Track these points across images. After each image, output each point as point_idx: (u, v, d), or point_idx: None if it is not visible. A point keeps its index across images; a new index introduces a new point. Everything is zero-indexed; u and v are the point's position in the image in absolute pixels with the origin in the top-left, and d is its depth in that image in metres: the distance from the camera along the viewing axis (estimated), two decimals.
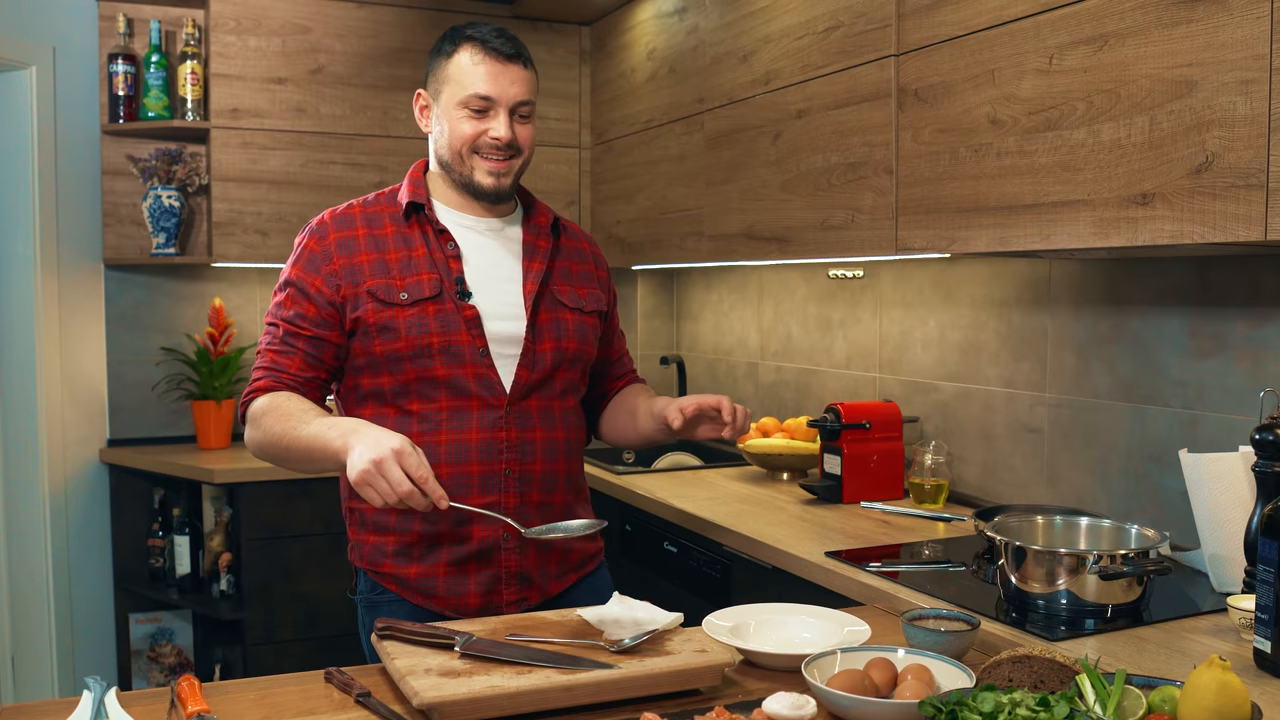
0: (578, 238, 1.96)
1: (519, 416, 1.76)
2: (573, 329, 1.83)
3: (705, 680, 1.37)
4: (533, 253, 1.83)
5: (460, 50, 1.75)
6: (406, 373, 1.71)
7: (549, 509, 1.79)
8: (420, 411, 1.73)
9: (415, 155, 3.55)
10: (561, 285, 1.85)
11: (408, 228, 1.78)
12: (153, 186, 3.42)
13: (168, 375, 3.54)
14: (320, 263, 1.74)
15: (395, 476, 1.46)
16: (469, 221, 1.81)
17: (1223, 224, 1.55)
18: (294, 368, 1.72)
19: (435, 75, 1.78)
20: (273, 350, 1.73)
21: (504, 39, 1.76)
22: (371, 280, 1.72)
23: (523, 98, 1.76)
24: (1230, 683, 1.13)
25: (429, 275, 1.73)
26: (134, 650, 3.54)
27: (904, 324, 2.83)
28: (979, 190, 1.99)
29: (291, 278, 1.76)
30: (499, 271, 1.80)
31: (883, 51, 2.24)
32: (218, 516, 3.44)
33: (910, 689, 1.28)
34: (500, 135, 1.74)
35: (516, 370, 1.75)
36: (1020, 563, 1.71)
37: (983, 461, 2.59)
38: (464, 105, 1.74)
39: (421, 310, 1.71)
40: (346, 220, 1.78)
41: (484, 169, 1.76)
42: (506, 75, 1.74)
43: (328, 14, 3.44)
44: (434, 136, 1.81)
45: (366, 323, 1.70)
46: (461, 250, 1.78)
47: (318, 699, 1.36)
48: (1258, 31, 1.49)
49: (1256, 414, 1.83)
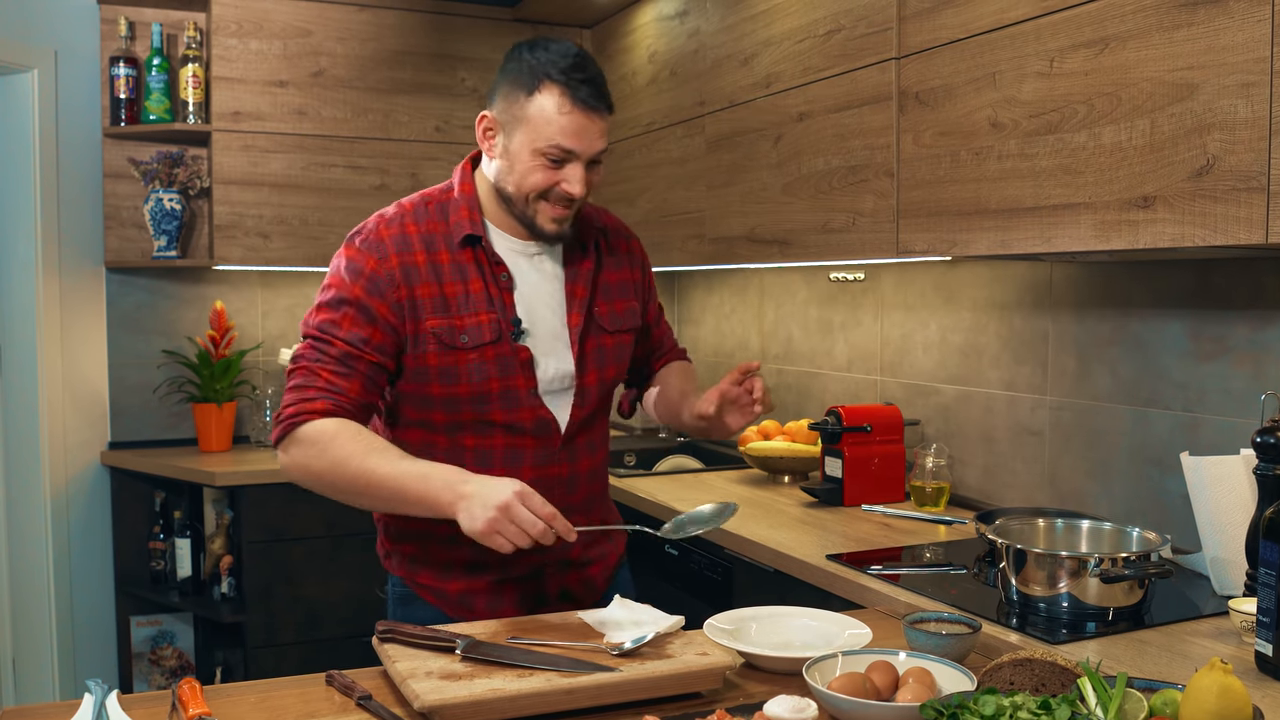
0: (615, 238, 1.86)
1: (570, 452, 1.74)
2: (613, 354, 1.78)
3: (706, 683, 1.37)
4: (576, 276, 1.75)
5: (544, 92, 1.60)
6: (463, 414, 1.67)
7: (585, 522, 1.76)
8: (475, 446, 1.69)
9: (416, 158, 3.56)
10: (602, 305, 1.78)
11: (462, 255, 1.67)
12: (154, 189, 3.43)
13: (169, 378, 3.55)
14: (385, 287, 1.63)
15: (526, 519, 1.43)
16: (518, 247, 1.72)
17: (1224, 227, 1.55)
18: (354, 391, 1.61)
19: (509, 108, 1.63)
20: (328, 370, 1.60)
21: (591, 84, 1.61)
22: (434, 319, 1.63)
23: (603, 148, 1.65)
24: (1232, 685, 1.13)
25: (487, 316, 1.65)
26: (135, 653, 3.54)
27: (905, 327, 2.83)
28: (980, 193, 1.99)
29: (352, 298, 1.62)
30: (545, 299, 1.72)
31: (884, 55, 2.24)
32: (219, 519, 3.44)
33: (911, 692, 1.27)
34: (574, 191, 1.63)
35: (571, 409, 1.72)
36: (1021, 566, 1.71)
37: (984, 464, 2.58)
38: (541, 154, 1.61)
39: (481, 355, 1.64)
40: (404, 242, 1.66)
41: (549, 215, 1.66)
42: (593, 128, 1.62)
43: (329, 17, 3.44)
44: (496, 165, 1.68)
45: (427, 364, 1.64)
46: (513, 279, 1.70)
47: (319, 702, 1.36)
48: (1259, 35, 1.49)
49: (1258, 417, 1.83)
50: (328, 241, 3.47)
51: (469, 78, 3.64)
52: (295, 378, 1.63)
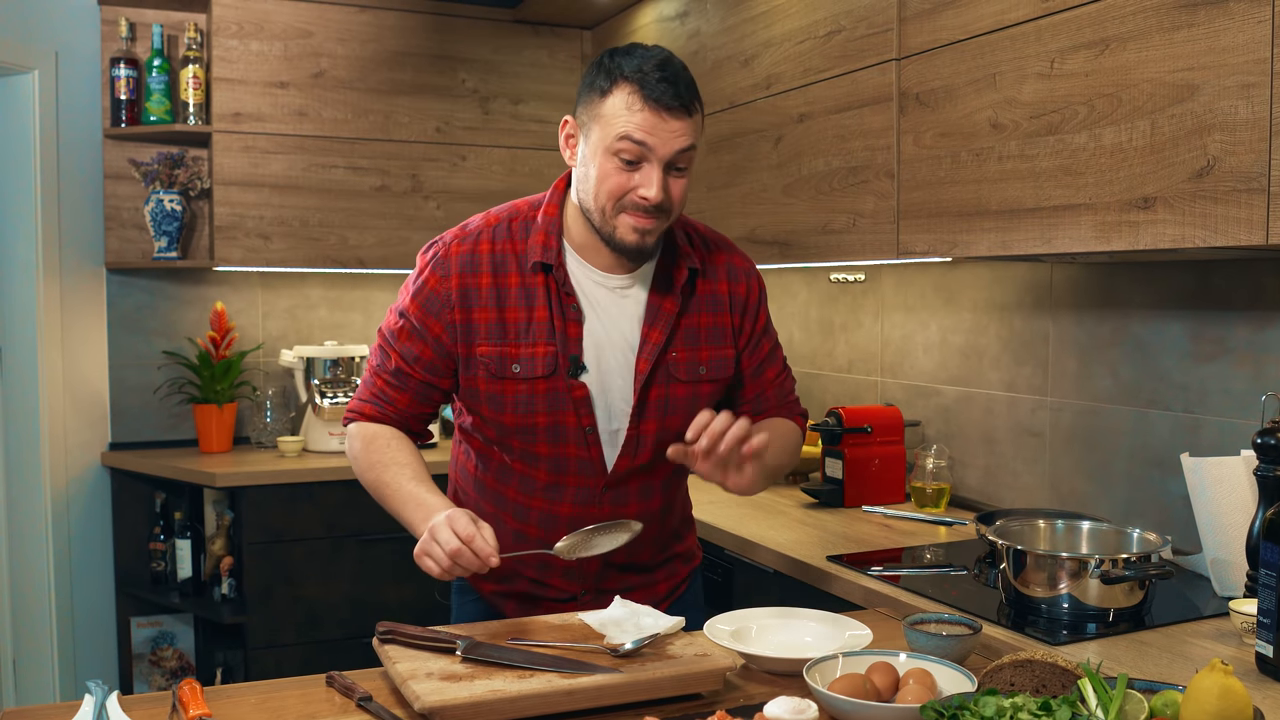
0: (717, 278, 1.72)
1: (615, 496, 1.69)
2: (682, 404, 1.66)
3: (707, 684, 1.37)
4: (655, 318, 1.64)
5: (617, 89, 1.53)
6: (511, 440, 1.66)
7: (628, 567, 1.74)
8: (521, 472, 1.68)
9: (417, 159, 3.56)
10: (681, 352, 1.67)
11: (533, 279, 1.61)
12: (155, 190, 3.43)
13: (169, 379, 3.55)
14: (441, 309, 1.62)
15: (443, 538, 1.42)
16: (598, 278, 1.64)
17: (1224, 228, 1.55)
18: (403, 403, 1.67)
19: (587, 109, 1.58)
20: (383, 379, 1.67)
21: (670, 83, 1.52)
22: (485, 345, 1.61)
23: (682, 146, 1.54)
24: (1232, 687, 1.13)
25: (545, 349, 1.60)
26: (135, 654, 3.54)
27: (905, 328, 2.83)
28: (980, 194, 2.00)
29: (410, 312, 1.64)
30: (617, 338, 1.64)
31: (884, 56, 2.24)
32: (219, 520, 3.44)
33: (912, 693, 1.27)
34: (650, 196, 1.53)
35: (619, 458, 1.66)
36: (1022, 567, 1.71)
37: (984, 465, 2.58)
38: (613, 153, 1.53)
39: (531, 388, 1.60)
40: (472, 262, 1.62)
41: (629, 225, 1.56)
42: (668, 126, 1.52)
43: (329, 18, 3.44)
44: (577, 174, 1.62)
45: (476, 387, 1.63)
46: (584, 313, 1.63)
47: (319, 703, 1.36)
48: (1259, 36, 1.49)
49: (1258, 418, 1.83)
50: (328, 242, 3.47)
51: (469, 79, 3.64)
52: (365, 373, 1.73)
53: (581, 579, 1.73)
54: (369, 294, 3.85)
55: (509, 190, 3.68)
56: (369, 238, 3.52)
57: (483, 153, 3.67)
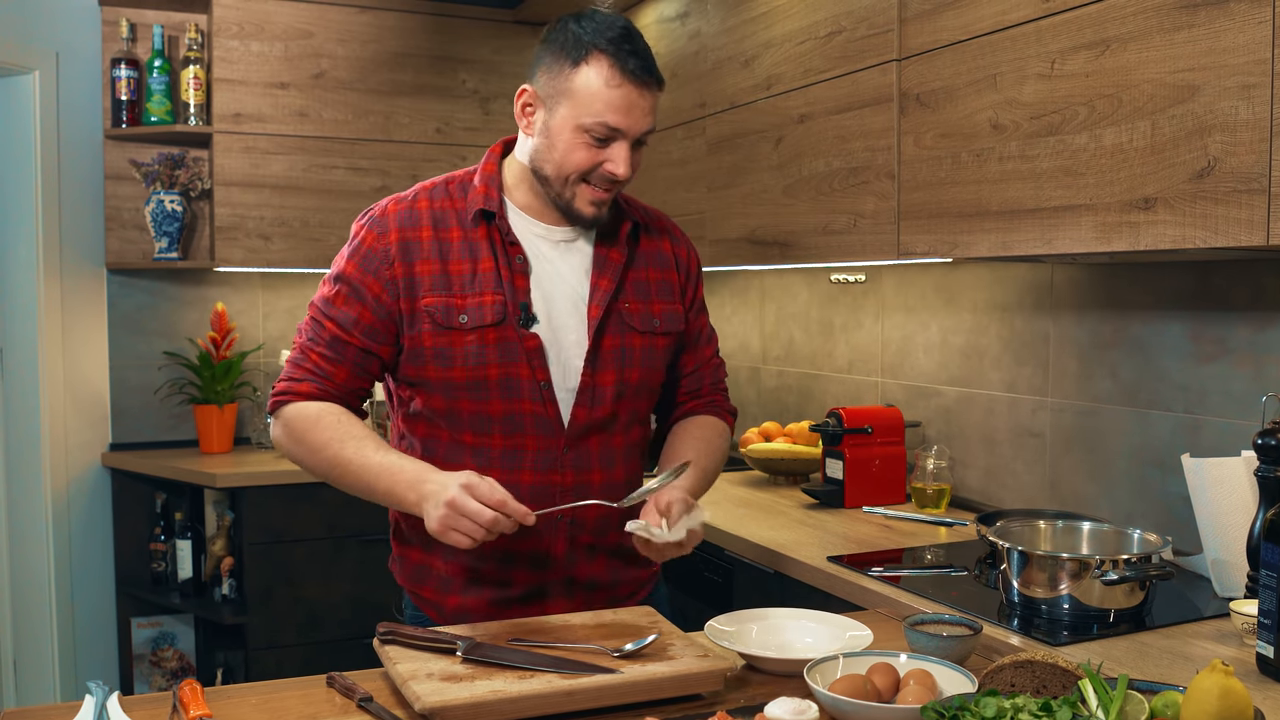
0: (659, 237, 1.74)
1: (577, 458, 1.62)
2: (639, 356, 1.65)
3: (707, 685, 1.37)
4: (603, 266, 1.64)
5: (591, 63, 1.51)
6: (461, 402, 1.58)
7: (596, 549, 1.66)
8: (474, 444, 1.60)
9: (418, 159, 3.57)
10: (633, 303, 1.66)
11: (475, 232, 1.60)
12: (155, 191, 3.43)
13: (170, 379, 3.55)
14: (380, 265, 1.58)
15: (473, 509, 1.38)
16: (541, 230, 1.64)
17: (1225, 228, 1.55)
18: (340, 377, 1.59)
19: (552, 80, 1.55)
20: (317, 352, 1.59)
21: (640, 57, 1.53)
22: (430, 297, 1.56)
23: (650, 126, 1.57)
24: (1233, 688, 1.13)
25: (493, 297, 1.57)
26: (136, 654, 3.54)
27: (906, 328, 2.83)
28: (981, 195, 1.99)
29: (346, 273, 1.59)
30: (566, 289, 1.62)
31: (884, 56, 2.24)
32: (219, 521, 3.44)
33: (912, 694, 1.27)
34: (619, 172, 1.55)
35: (574, 408, 1.60)
36: (1023, 567, 1.71)
37: (985, 466, 2.58)
38: (585, 130, 1.53)
39: (481, 338, 1.56)
40: (411, 217, 1.60)
41: (588, 198, 1.58)
42: (643, 104, 1.54)
43: (330, 19, 3.44)
44: (533, 142, 1.59)
45: (422, 345, 1.57)
46: (530, 264, 1.61)
47: (320, 704, 1.36)
48: (1259, 36, 1.49)
49: (1259, 418, 1.83)
50: (328, 243, 3.47)
51: (469, 79, 3.64)
52: (292, 352, 1.64)
53: (551, 568, 1.64)
54: None
55: None
56: None
57: (483, 153, 3.66)
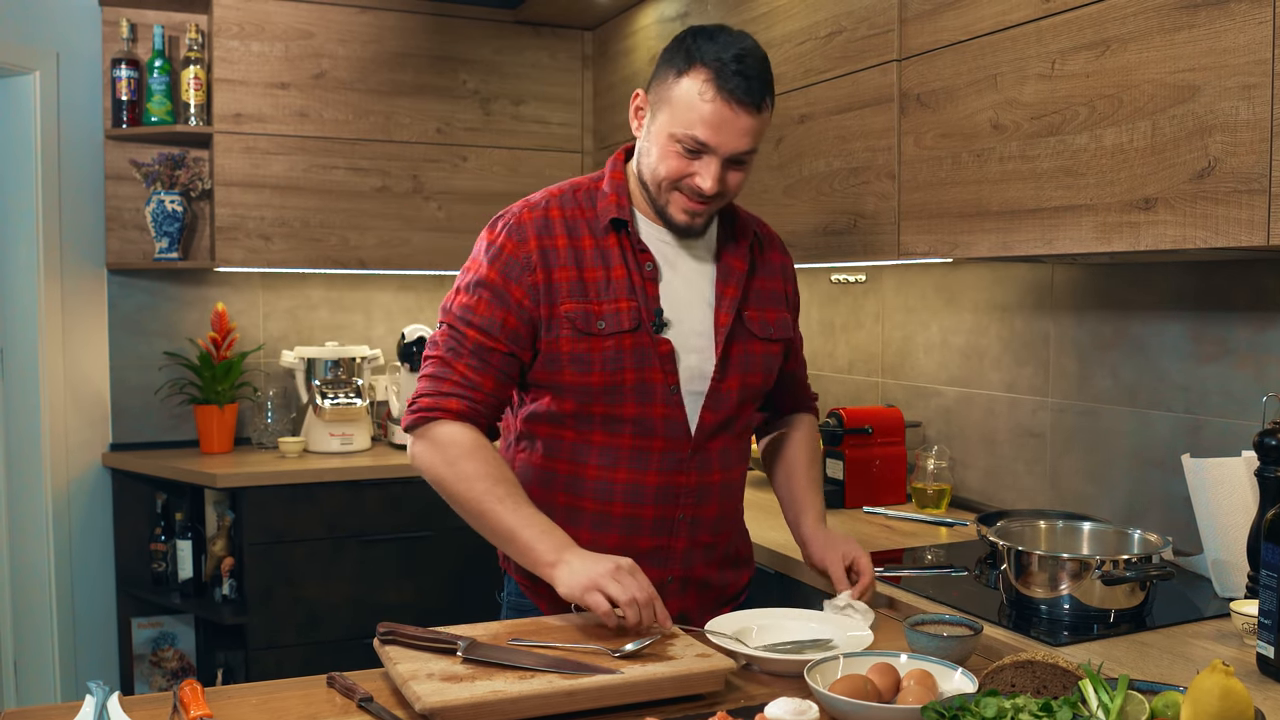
0: (770, 248, 1.79)
1: (701, 460, 1.66)
2: (760, 362, 1.70)
3: (708, 685, 1.37)
4: (728, 276, 1.68)
5: (692, 74, 1.53)
6: (595, 405, 1.60)
7: (714, 549, 1.72)
8: (602, 444, 1.63)
9: (417, 160, 3.56)
10: (753, 311, 1.71)
11: (606, 240, 1.62)
12: (156, 191, 3.43)
13: (170, 380, 3.55)
14: (522, 271, 1.59)
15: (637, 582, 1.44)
16: (666, 236, 1.66)
17: (1225, 229, 1.55)
18: (488, 386, 1.59)
19: (659, 86, 1.59)
20: (463, 362, 1.59)
21: (745, 77, 1.52)
22: (569, 303, 1.58)
23: (746, 148, 1.57)
24: (1233, 688, 1.13)
25: (628, 303, 1.60)
26: (136, 655, 3.54)
27: (906, 328, 2.83)
28: (981, 195, 2.00)
29: (488, 280, 1.60)
30: (693, 295, 1.66)
31: (885, 56, 2.24)
32: (220, 521, 3.44)
33: (913, 694, 1.27)
34: (706, 187, 1.56)
35: (701, 412, 1.64)
36: (1023, 568, 1.71)
37: (985, 466, 2.58)
38: (676, 140, 1.55)
39: (619, 343, 1.58)
40: (546, 226, 1.62)
41: (680, 206, 1.60)
42: (737, 124, 1.54)
43: (330, 19, 3.44)
44: (640, 146, 1.65)
45: (559, 350, 1.59)
46: (660, 270, 1.64)
47: (320, 704, 1.36)
48: (1260, 37, 1.49)
49: (1259, 419, 1.83)
50: (329, 243, 3.47)
51: (470, 80, 3.64)
52: (430, 365, 1.62)
53: (669, 565, 1.68)
54: (370, 295, 3.85)
55: (510, 191, 3.68)
56: (370, 238, 3.52)
57: (484, 153, 3.67)
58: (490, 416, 1.63)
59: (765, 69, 1.57)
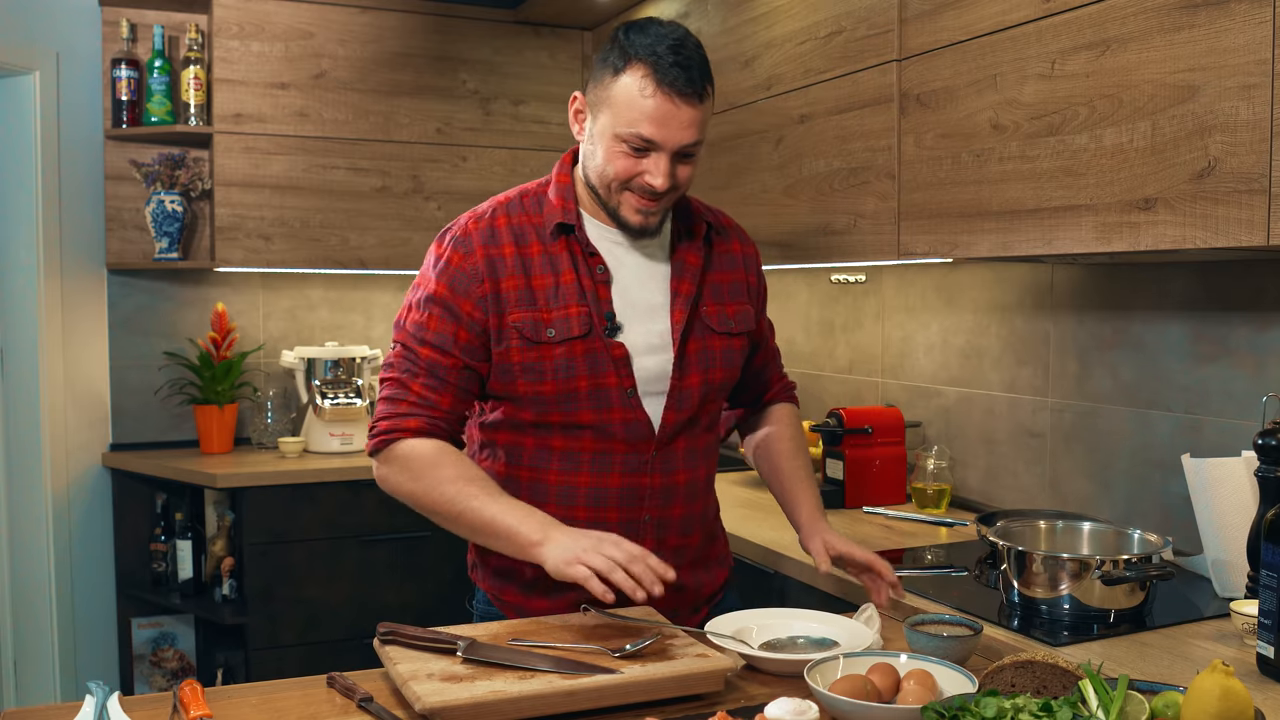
0: (728, 238, 1.76)
1: (664, 460, 1.64)
2: (720, 358, 1.68)
3: (707, 685, 1.37)
4: (682, 271, 1.66)
5: (630, 71, 1.51)
6: (550, 414, 1.59)
7: (684, 551, 1.68)
8: (562, 448, 1.62)
9: (417, 160, 3.57)
10: (711, 306, 1.68)
11: (555, 245, 1.60)
12: (156, 191, 3.43)
13: (170, 380, 3.55)
14: (470, 283, 1.57)
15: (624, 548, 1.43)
16: (618, 237, 1.64)
17: (1225, 229, 1.55)
18: (446, 404, 1.58)
19: (597, 87, 1.56)
20: (419, 382, 1.58)
21: (683, 68, 1.50)
22: (517, 312, 1.57)
23: (692, 140, 1.54)
24: (1233, 688, 1.13)
25: (578, 309, 1.58)
26: (136, 655, 3.54)
27: (906, 328, 2.83)
28: (981, 195, 2.00)
29: (437, 295, 1.58)
30: (646, 295, 1.64)
31: (885, 56, 2.24)
32: (220, 521, 3.44)
33: (913, 694, 1.27)
34: (657, 184, 1.54)
35: (664, 412, 1.62)
36: (1023, 568, 1.71)
37: (985, 466, 2.58)
38: (622, 139, 1.53)
39: (569, 350, 1.56)
40: (491, 235, 1.60)
41: (632, 206, 1.58)
42: (679, 118, 1.51)
43: (330, 19, 3.44)
44: (584, 150, 1.61)
45: (510, 361, 1.57)
46: (610, 272, 1.62)
47: (320, 704, 1.36)
48: (1260, 37, 1.49)
49: (1259, 419, 1.83)
50: (329, 243, 3.47)
51: (470, 79, 3.64)
52: (387, 388, 1.60)
53: None
54: (370, 295, 3.85)
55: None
56: (370, 238, 3.52)
57: (484, 153, 3.67)
58: (451, 430, 1.61)
59: (702, 56, 1.54)
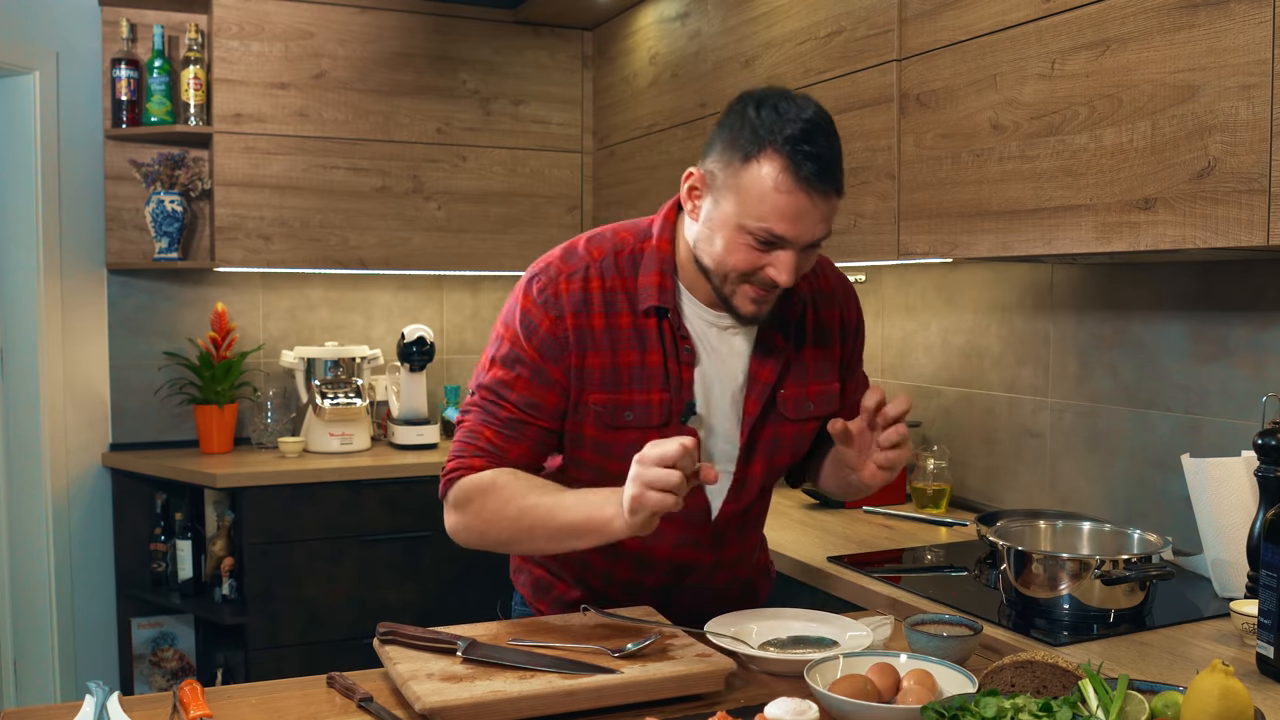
0: (831, 304, 1.64)
1: (715, 539, 1.61)
2: (790, 444, 1.61)
3: (707, 685, 1.37)
4: (766, 354, 1.56)
5: (762, 160, 1.38)
6: (609, 481, 1.48)
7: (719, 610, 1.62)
8: None
9: (417, 160, 3.56)
10: (790, 389, 1.58)
11: (645, 320, 1.51)
12: (155, 191, 3.43)
13: (170, 380, 3.55)
14: (560, 353, 1.50)
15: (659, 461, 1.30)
16: (710, 317, 1.55)
17: (1225, 229, 1.55)
18: (515, 454, 1.51)
19: (723, 167, 1.43)
20: (492, 429, 1.51)
21: (817, 159, 1.37)
22: (598, 394, 1.50)
23: (824, 234, 1.44)
24: (1233, 688, 1.13)
25: (660, 395, 1.51)
26: (136, 655, 3.54)
27: (906, 328, 2.83)
28: (981, 195, 2.00)
29: (527, 359, 1.50)
30: (727, 377, 1.56)
31: (885, 56, 2.25)
32: (220, 521, 3.44)
33: (913, 694, 1.27)
34: (782, 281, 1.43)
35: (724, 503, 1.58)
36: (1023, 568, 1.71)
37: (985, 466, 2.58)
38: (748, 232, 1.41)
39: (643, 436, 1.47)
40: (584, 301, 1.50)
41: (749, 296, 1.47)
42: (815, 213, 1.40)
43: (330, 19, 3.44)
44: (698, 231, 1.48)
45: (583, 432, 1.53)
46: (697, 354, 1.54)
47: (320, 704, 1.36)
48: (1259, 36, 1.49)
49: (1259, 418, 1.83)
50: (329, 243, 3.47)
51: (470, 79, 3.64)
52: (460, 432, 1.55)
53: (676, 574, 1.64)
54: (370, 295, 3.85)
55: (510, 191, 3.68)
56: (370, 238, 3.52)
57: (484, 153, 3.67)
58: None
59: (835, 141, 1.42)
